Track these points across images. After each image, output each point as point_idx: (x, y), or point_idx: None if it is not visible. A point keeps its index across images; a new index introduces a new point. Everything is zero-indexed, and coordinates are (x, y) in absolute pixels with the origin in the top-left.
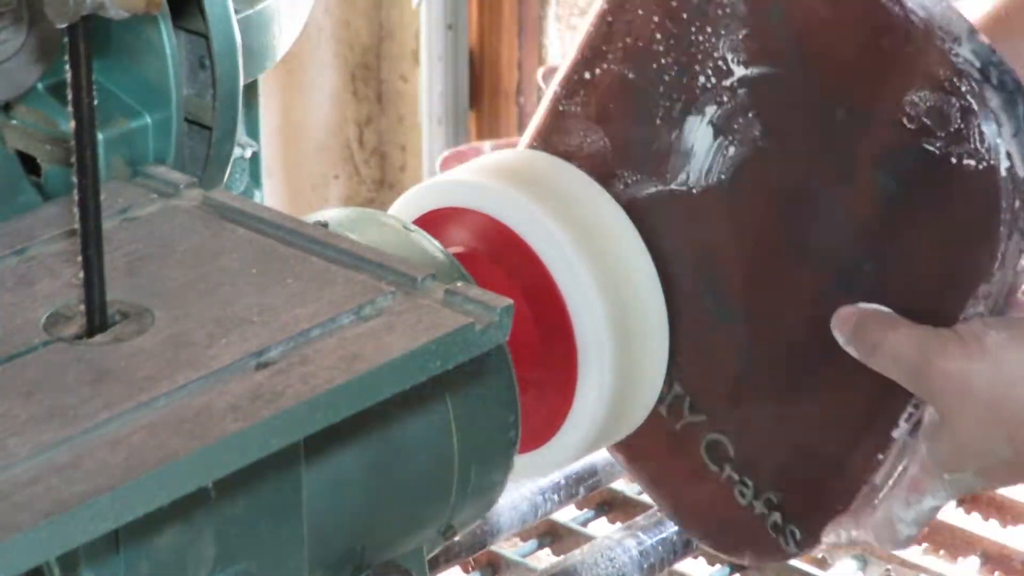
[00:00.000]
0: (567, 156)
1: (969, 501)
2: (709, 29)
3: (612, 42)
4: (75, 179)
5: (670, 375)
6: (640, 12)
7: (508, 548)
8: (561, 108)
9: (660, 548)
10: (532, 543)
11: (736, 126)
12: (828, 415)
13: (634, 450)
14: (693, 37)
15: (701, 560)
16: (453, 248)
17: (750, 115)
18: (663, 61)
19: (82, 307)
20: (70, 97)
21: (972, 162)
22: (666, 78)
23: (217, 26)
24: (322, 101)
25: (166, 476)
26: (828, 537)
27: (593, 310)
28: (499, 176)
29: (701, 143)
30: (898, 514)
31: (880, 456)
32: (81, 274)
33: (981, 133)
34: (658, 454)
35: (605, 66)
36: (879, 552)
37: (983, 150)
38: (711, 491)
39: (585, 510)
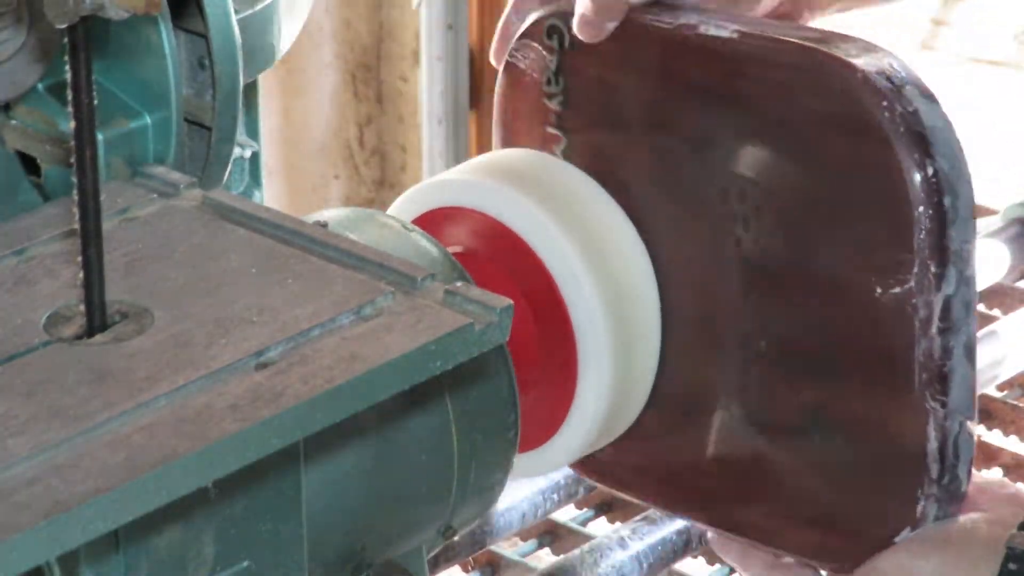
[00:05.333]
0: None
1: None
2: None
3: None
4: (75, 179)
5: None
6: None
7: (508, 548)
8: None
9: (660, 548)
10: (532, 543)
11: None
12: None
13: None
14: None
15: (701, 560)
16: (453, 248)
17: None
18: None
19: (82, 307)
20: (70, 97)
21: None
22: None
23: (217, 26)
24: (322, 101)
25: (166, 476)
26: None
27: (592, 310)
28: (499, 176)
29: None
30: None
31: None
32: (81, 274)
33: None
34: None
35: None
36: None
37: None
38: None
39: (585, 510)
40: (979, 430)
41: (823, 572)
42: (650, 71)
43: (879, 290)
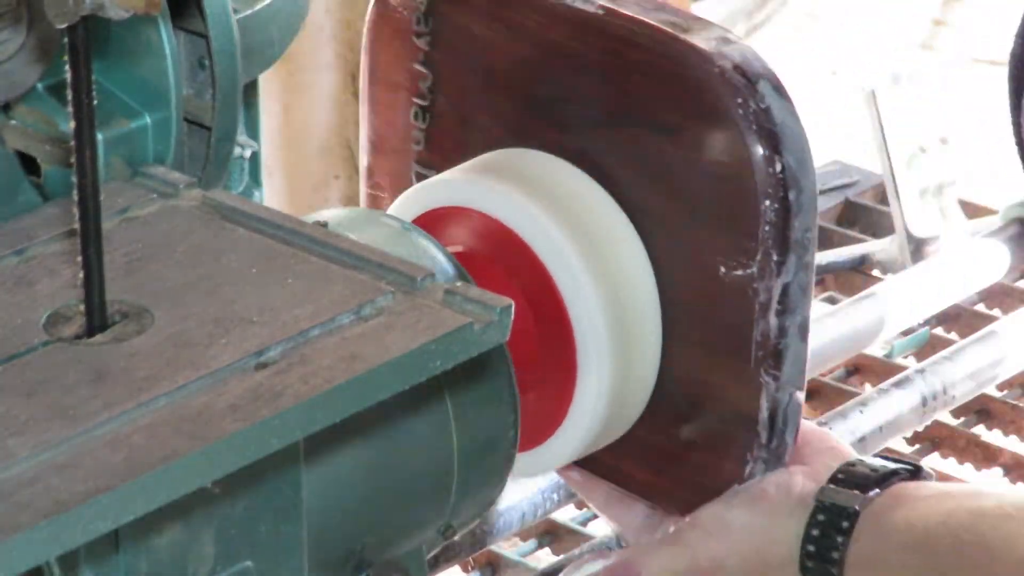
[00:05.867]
0: None
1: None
2: None
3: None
4: (75, 179)
5: None
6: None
7: (508, 548)
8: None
9: None
10: (532, 543)
11: None
12: None
13: None
14: None
15: None
16: (453, 248)
17: None
18: None
19: (82, 307)
20: (70, 97)
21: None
22: None
23: (217, 26)
24: (322, 101)
25: (166, 476)
26: None
27: (592, 310)
28: (498, 176)
29: None
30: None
31: None
32: (81, 274)
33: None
34: None
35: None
36: None
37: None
38: None
39: (585, 510)
40: (979, 430)
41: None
42: (516, 31)
43: (723, 270)
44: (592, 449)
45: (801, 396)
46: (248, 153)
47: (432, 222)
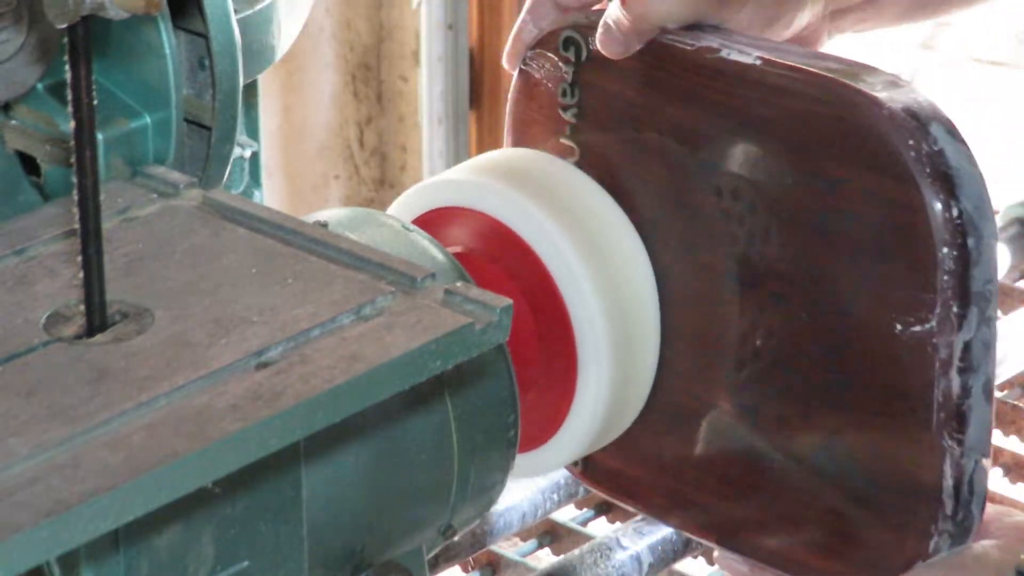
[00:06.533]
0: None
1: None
2: None
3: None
4: (75, 179)
5: None
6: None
7: (508, 548)
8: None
9: (660, 548)
10: (532, 543)
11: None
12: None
13: None
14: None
15: (701, 560)
16: (453, 248)
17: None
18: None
19: (82, 307)
20: (70, 97)
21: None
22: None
23: (217, 26)
24: (322, 101)
25: (166, 476)
26: None
27: (592, 310)
28: (498, 176)
29: None
30: None
31: None
32: (81, 274)
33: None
34: None
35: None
36: None
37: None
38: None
39: (585, 510)
40: None
41: None
42: (669, 91)
43: (899, 327)
44: (592, 449)
45: (988, 464)
46: (248, 153)
47: (432, 222)
